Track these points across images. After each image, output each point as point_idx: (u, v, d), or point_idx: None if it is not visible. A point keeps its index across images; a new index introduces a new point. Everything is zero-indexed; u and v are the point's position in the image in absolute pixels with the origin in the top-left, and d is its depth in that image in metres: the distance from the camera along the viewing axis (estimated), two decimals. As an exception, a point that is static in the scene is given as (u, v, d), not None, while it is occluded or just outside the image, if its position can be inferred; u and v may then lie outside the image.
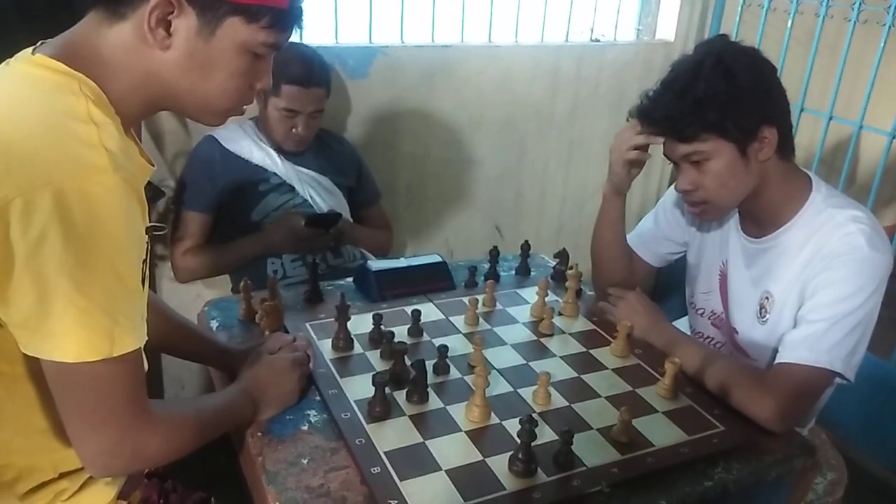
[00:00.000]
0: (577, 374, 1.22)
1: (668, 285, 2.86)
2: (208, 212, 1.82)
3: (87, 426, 0.81)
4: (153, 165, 0.93)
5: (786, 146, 1.23)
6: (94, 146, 0.77)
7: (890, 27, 2.01)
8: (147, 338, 0.83)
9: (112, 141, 0.79)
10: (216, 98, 0.89)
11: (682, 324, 1.68)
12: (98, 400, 0.80)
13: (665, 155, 1.27)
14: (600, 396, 1.16)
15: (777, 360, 1.19)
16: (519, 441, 0.97)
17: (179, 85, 0.86)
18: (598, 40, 2.48)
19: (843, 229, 1.19)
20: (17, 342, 0.78)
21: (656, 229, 1.53)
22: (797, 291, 1.24)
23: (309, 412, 1.09)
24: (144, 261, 0.84)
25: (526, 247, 1.61)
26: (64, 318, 0.75)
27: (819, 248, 1.21)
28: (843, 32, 2.13)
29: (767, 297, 1.29)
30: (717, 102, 1.15)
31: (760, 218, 1.30)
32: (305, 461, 0.98)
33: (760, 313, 1.31)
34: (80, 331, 0.75)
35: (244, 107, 0.94)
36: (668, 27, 2.56)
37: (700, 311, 1.47)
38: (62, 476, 0.91)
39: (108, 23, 0.83)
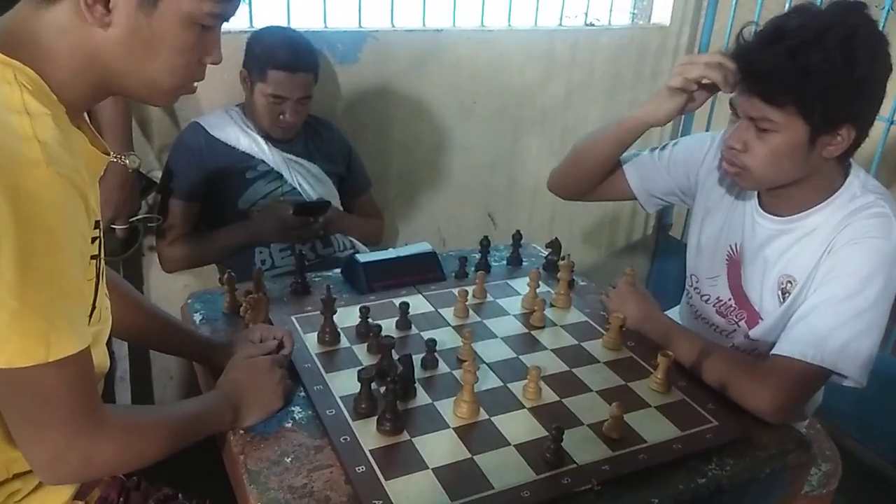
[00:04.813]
0: (568, 368, 1.20)
1: (662, 274, 2.85)
2: (194, 200, 1.78)
3: (32, 432, 0.78)
4: (109, 154, 0.89)
5: (850, 151, 1.15)
6: (27, 138, 0.72)
7: (889, 11, 1.98)
8: (90, 340, 0.79)
9: (47, 132, 0.74)
10: (164, 76, 0.84)
11: (675, 313, 1.66)
12: (39, 406, 0.76)
13: (731, 104, 1.17)
14: (592, 391, 1.14)
15: (777, 350, 1.15)
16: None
17: (125, 65, 0.81)
18: (592, 24, 2.44)
19: (872, 218, 1.14)
20: None
21: (657, 161, 1.44)
22: (817, 277, 1.18)
23: (293, 409, 1.06)
24: (94, 256, 0.81)
25: (518, 236, 1.58)
26: None
27: (843, 232, 1.15)
28: (841, 16, 2.10)
29: (790, 282, 1.22)
30: (824, 82, 1.04)
31: (787, 197, 1.22)
32: (289, 460, 0.96)
33: (782, 298, 1.24)
34: (12, 335, 0.71)
35: (195, 84, 0.89)
36: (663, 11, 2.52)
37: (705, 298, 1.40)
38: (15, 477, 0.88)
39: (45, 4, 0.78)
